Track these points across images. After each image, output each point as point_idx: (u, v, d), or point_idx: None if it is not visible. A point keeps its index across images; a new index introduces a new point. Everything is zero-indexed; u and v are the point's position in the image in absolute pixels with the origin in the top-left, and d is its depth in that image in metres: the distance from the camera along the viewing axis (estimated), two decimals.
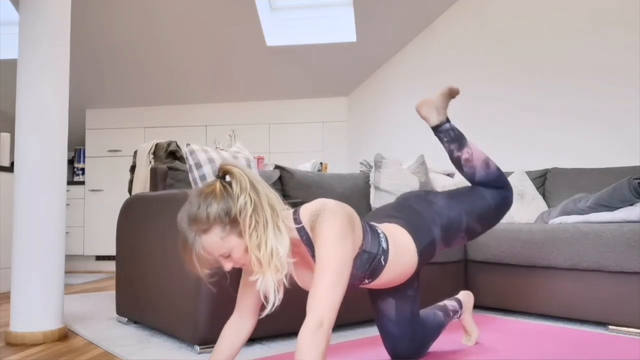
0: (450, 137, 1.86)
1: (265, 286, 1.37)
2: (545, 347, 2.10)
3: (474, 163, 1.83)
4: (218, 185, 1.41)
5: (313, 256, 1.47)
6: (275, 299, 1.38)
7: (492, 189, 1.82)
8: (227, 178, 1.44)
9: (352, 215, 1.50)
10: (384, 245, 1.60)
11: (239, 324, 1.58)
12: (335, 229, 1.40)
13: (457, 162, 1.87)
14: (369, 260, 1.56)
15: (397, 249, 1.63)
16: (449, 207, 1.79)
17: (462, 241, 1.88)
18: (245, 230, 1.37)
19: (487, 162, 1.84)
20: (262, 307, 1.47)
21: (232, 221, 1.37)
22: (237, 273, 1.58)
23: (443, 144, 1.89)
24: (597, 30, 3.63)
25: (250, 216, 1.36)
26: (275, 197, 1.45)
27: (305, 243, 1.47)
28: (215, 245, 1.38)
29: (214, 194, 1.39)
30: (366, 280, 1.62)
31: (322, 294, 1.34)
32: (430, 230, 1.73)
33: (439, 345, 1.99)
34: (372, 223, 1.66)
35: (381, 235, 1.61)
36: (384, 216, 1.78)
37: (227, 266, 1.44)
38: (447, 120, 1.89)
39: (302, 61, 5.00)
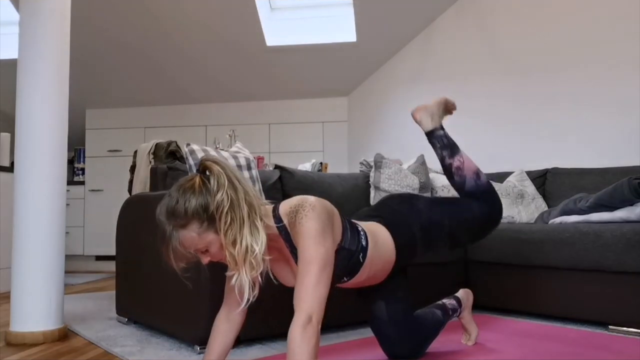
0: (443, 143, 1.89)
1: (240, 283, 1.38)
2: (545, 347, 2.10)
3: (464, 172, 1.85)
4: (198, 180, 1.42)
5: (291, 252, 1.48)
6: (250, 295, 1.39)
7: (481, 202, 1.83)
8: (207, 173, 1.44)
9: (331, 211, 1.51)
10: (364, 242, 1.60)
11: (229, 317, 1.58)
12: (315, 224, 1.41)
13: (448, 170, 1.89)
14: (348, 257, 1.57)
15: (376, 246, 1.64)
16: (431, 209, 1.80)
17: (444, 246, 1.89)
18: (220, 227, 1.37)
19: (478, 174, 1.87)
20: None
21: (209, 217, 1.38)
22: (218, 272, 1.58)
23: (435, 150, 1.92)
24: (597, 31, 3.63)
25: (227, 213, 1.37)
26: (254, 194, 1.45)
27: (284, 238, 1.47)
28: (192, 240, 1.39)
29: (193, 189, 1.39)
30: (345, 279, 1.63)
31: (308, 290, 1.35)
32: (409, 228, 1.74)
33: (438, 345, 1.99)
34: (352, 220, 1.67)
35: (361, 233, 1.62)
36: (364, 216, 1.79)
37: (205, 260, 1.45)
38: (442, 128, 1.92)
39: (302, 61, 5.00)
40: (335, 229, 1.51)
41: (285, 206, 1.48)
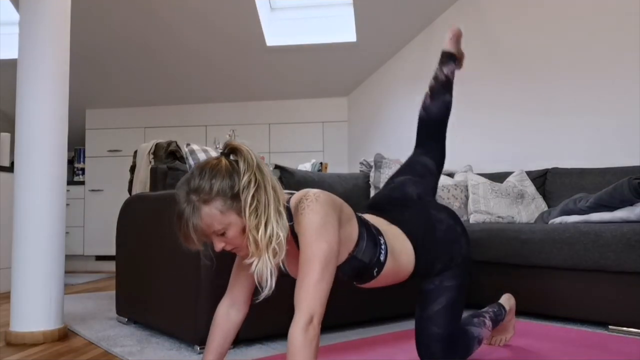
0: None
1: (260, 269, 1.33)
2: (545, 347, 2.10)
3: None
4: (224, 161, 1.38)
5: (298, 247, 1.44)
6: (272, 283, 1.34)
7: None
8: (232, 157, 1.41)
9: (339, 206, 1.45)
10: (382, 258, 1.54)
11: (229, 312, 1.55)
12: (317, 217, 1.35)
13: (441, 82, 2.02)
14: (359, 268, 1.51)
15: (393, 263, 1.57)
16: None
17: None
18: (245, 209, 1.33)
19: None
20: (255, 292, 1.44)
21: (233, 197, 1.34)
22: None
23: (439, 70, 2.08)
24: (598, 30, 3.63)
25: (253, 195, 1.33)
26: (277, 181, 1.42)
27: (292, 233, 1.44)
28: (214, 217, 1.33)
29: (219, 168, 1.36)
30: (353, 282, 1.61)
31: (309, 289, 1.31)
32: (433, 264, 1.69)
33: None
34: (377, 227, 1.58)
35: (382, 247, 1.54)
36: (395, 213, 1.71)
37: (219, 246, 1.39)
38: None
39: (302, 61, 5.00)
40: (345, 225, 1.45)
41: (292, 202, 1.44)
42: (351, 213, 1.50)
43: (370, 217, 1.66)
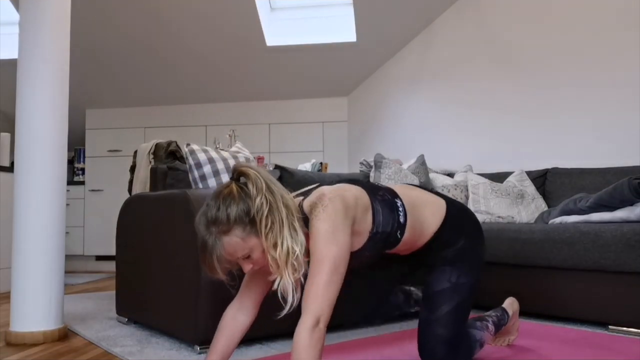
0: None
1: (283, 286, 1.37)
2: (545, 347, 2.10)
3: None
4: (235, 187, 1.42)
5: None
6: (294, 299, 1.37)
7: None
8: (242, 180, 1.44)
9: (352, 205, 1.48)
10: (402, 219, 1.59)
11: (237, 316, 1.57)
12: (325, 225, 1.39)
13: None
14: (383, 239, 1.57)
15: (416, 220, 1.62)
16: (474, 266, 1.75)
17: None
18: (261, 230, 1.37)
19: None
20: (275, 306, 1.45)
21: (251, 221, 1.38)
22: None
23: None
24: (598, 30, 3.63)
25: (267, 217, 1.37)
26: (289, 196, 1.46)
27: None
28: (237, 246, 1.38)
29: (232, 196, 1.39)
30: (386, 251, 1.64)
31: (319, 290, 1.34)
32: (459, 233, 1.71)
33: None
34: (393, 191, 1.63)
35: (400, 210, 1.59)
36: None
37: (247, 267, 1.44)
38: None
39: (302, 61, 5.00)
40: (360, 220, 1.50)
41: (306, 205, 1.47)
42: (367, 203, 1.55)
43: (402, 187, 1.72)
